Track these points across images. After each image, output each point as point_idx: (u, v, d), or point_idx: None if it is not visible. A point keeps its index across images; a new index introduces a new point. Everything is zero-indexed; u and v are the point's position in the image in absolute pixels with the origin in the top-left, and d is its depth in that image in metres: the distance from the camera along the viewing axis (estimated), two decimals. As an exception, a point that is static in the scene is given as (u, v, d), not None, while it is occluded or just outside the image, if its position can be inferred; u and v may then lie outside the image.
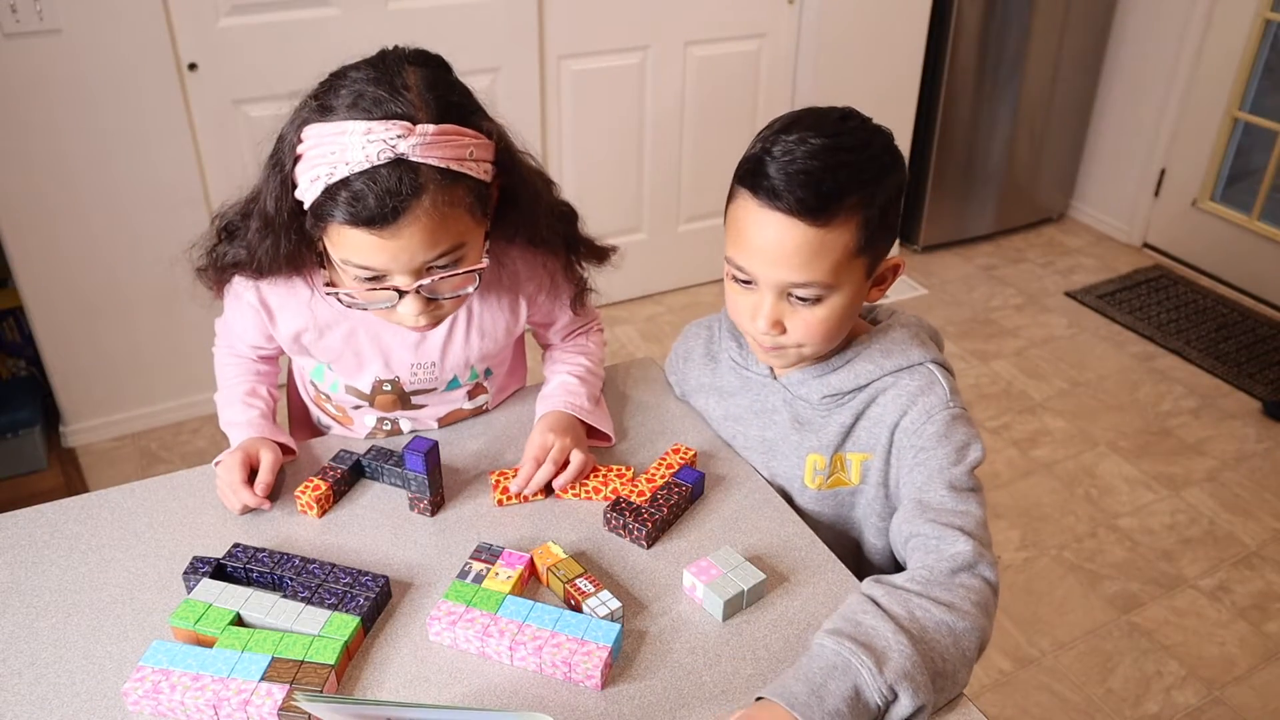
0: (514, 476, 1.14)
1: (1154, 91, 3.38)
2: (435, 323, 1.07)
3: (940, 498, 0.99)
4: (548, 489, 1.14)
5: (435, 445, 1.09)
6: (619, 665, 0.94)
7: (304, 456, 1.22)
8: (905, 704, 0.84)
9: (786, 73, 3.04)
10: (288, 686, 0.88)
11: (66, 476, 2.42)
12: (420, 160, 0.93)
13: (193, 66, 2.26)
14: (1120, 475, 2.50)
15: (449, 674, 0.93)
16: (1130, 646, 2.03)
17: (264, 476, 1.11)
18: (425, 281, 0.99)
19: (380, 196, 0.91)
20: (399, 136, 0.91)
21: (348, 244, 0.96)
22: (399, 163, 0.92)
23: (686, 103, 2.92)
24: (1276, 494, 2.45)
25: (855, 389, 1.08)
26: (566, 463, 1.14)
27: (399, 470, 1.14)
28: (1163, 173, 3.44)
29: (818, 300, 0.99)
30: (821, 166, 0.94)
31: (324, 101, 0.95)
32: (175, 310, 2.45)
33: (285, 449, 1.18)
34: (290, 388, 1.41)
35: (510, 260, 1.18)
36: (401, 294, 1.00)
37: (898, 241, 3.50)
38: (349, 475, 1.15)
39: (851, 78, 3.06)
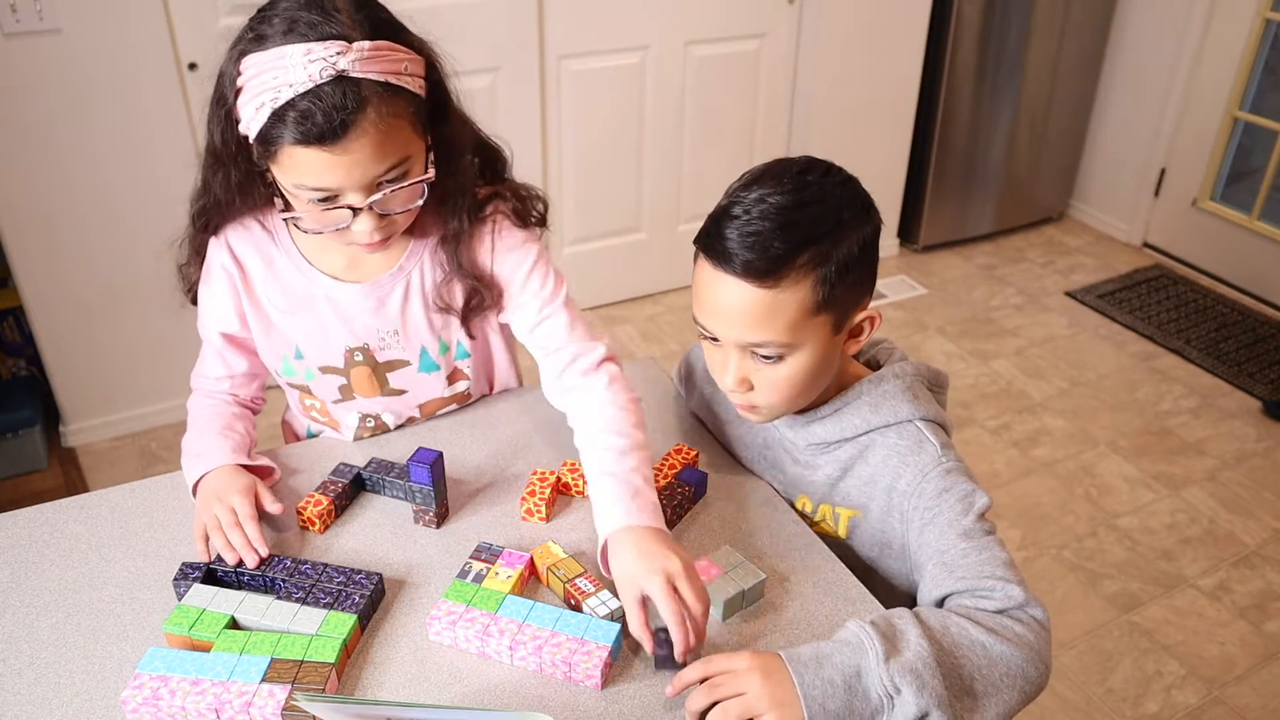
0: (551, 477, 1.13)
1: (1154, 91, 3.38)
2: (388, 237, 1.08)
3: (961, 551, 0.96)
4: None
5: (440, 456, 1.09)
6: (619, 665, 0.94)
7: (299, 462, 1.22)
8: (909, 701, 0.83)
9: (786, 73, 3.04)
10: (289, 687, 0.88)
11: (66, 476, 2.42)
12: (361, 75, 0.95)
13: (193, 66, 2.25)
14: (1120, 475, 2.50)
15: (449, 674, 0.93)
16: (1130, 646, 2.03)
17: (252, 527, 1.04)
18: (377, 197, 1.01)
19: (327, 113, 0.94)
20: (338, 54, 0.94)
21: (300, 166, 0.97)
22: (341, 79, 0.94)
23: (686, 103, 2.92)
24: (1276, 494, 2.45)
25: (840, 440, 1.07)
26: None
27: (401, 483, 1.13)
28: (1163, 172, 3.44)
29: (780, 358, 0.99)
30: (773, 227, 0.93)
31: (259, 32, 0.98)
32: (175, 310, 2.44)
33: (264, 470, 1.15)
34: (285, 430, 1.41)
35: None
36: (355, 212, 1.01)
37: (896, 245, 3.50)
38: (350, 489, 1.14)
39: (851, 78, 3.06)
